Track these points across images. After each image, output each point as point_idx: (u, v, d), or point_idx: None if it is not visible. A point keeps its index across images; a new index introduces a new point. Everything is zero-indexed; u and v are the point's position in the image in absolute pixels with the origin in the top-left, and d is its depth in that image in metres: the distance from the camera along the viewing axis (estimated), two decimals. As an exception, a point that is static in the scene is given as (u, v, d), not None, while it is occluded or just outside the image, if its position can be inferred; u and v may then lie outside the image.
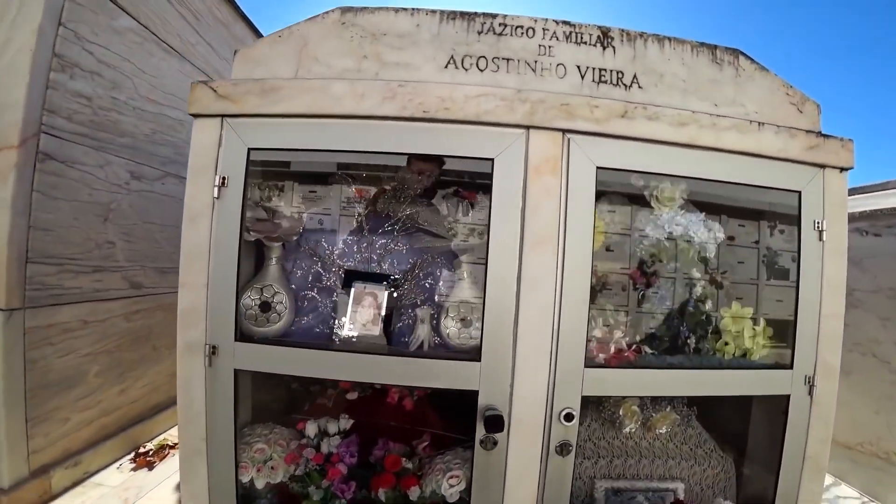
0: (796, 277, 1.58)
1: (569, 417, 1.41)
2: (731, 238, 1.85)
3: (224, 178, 1.44)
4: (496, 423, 1.35)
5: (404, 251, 1.65)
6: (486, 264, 1.40)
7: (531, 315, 1.40)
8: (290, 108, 1.44)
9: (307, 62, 1.51)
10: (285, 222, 1.60)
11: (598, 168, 1.44)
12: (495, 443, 1.41)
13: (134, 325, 2.22)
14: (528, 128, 1.43)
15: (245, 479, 1.50)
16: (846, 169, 1.60)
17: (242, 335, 1.51)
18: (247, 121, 1.46)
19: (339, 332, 1.56)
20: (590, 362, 1.48)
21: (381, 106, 1.42)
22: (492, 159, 1.42)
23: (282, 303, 1.58)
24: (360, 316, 1.58)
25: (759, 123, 1.53)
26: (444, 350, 1.56)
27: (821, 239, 1.58)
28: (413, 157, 1.60)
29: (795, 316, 1.57)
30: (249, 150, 1.46)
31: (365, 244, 1.65)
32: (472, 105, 1.42)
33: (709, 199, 1.79)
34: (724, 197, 1.83)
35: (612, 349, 1.50)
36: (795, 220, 1.57)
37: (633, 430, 1.71)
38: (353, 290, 1.59)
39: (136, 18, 2.17)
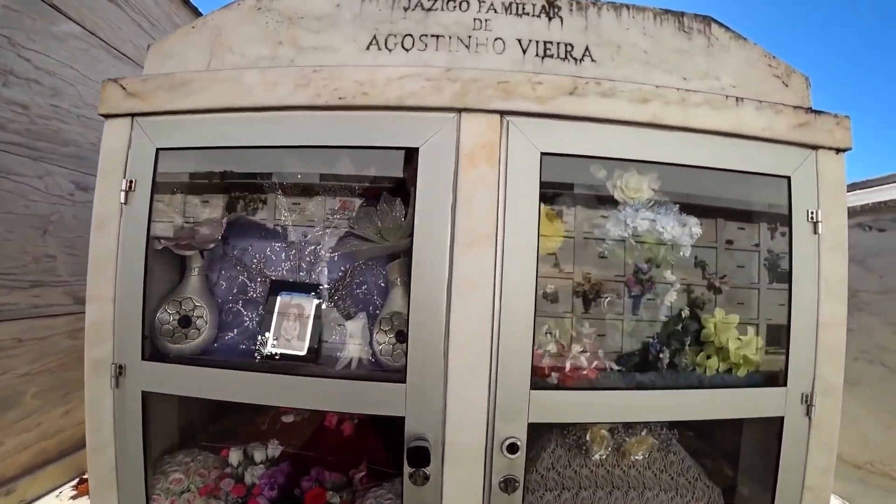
0: (788, 279, 1.34)
1: (513, 448, 1.20)
2: (729, 242, 1.62)
3: (132, 182, 1.31)
4: (420, 455, 1.15)
5: (336, 258, 1.47)
6: (409, 268, 1.21)
7: (465, 327, 1.20)
8: (201, 103, 1.30)
9: (221, 52, 1.36)
10: (204, 229, 1.44)
11: (542, 154, 1.24)
12: (427, 477, 1.21)
13: (80, 342, 2.08)
14: (459, 111, 1.24)
15: (155, 514, 1.34)
16: (843, 150, 1.36)
17: (158, 353, 1.37)
18: (156, 119, 1.32)
19: (262, 350, 1.39)
20: (539, 383, 1.28)
21: (294, 94, 1.26)
22: (416, 148, 1.23)
23: (202, 317, 1.42)
24: (284, 331, 1.40)
25: (737, 98, 1.31)
26: (378, 369, 1.37)
27: (816, 232, 1.34)
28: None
29: (788, 324, 1.34)
30: (158, 150, 1.32)
31: (294, 251, 1.47)
32: (394, 88, 1.24)
33: (701, 200, 1.58)
34: (722, 199, 1.62)
35: (568, 366, 1.29)
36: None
37: (605, 458, 1.49)
38: (278, 302, 1.42)
39: (81, 24, 2.06)
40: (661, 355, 1.35)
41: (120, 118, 1.33)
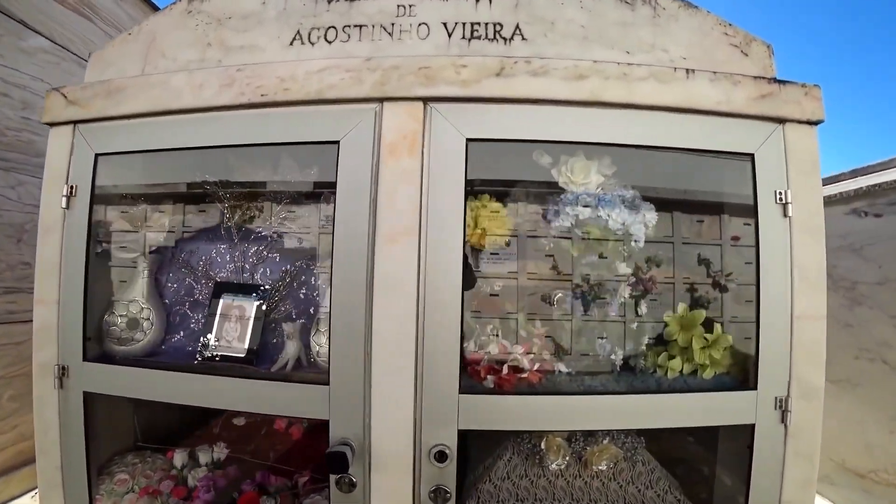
0: (756, 268, 1.20)
1: (441, 457, 1.13)
2: (735, 238, 1.48)
3: (73, 188, 1.33)
4: (338, 461, 1.09)
5: (277, 259, 1.44)
6: (331, 266, 1.16)
7: (387, 327, 1.14)
8: (135, 108, 1.32)
9: (154, 58, 1.37)
10: (151, 232, 1.46)
11: (468, 141, 1.17)
12: (353, 484, 1.15)
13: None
14: (381, 100, 1.19)
15: (99, 515, 1.35)
16: (815, 122, 1.21)
17: (105, 355, 1.38)
18: (95, 125, 1.35)
19: (204, 352, 1.37)
20: (474, 386, 1.20)
21: (219, 95, 1.25)
22: (337, 142, 1.19)
23: (148, 319, 1.43)
24: (226, 333, 1.39)
25: (688, 70, 1.19)
26: (316, 370, 1.33)
27: (786, 214, 1.20)
28: None
29: (757, 320, 1.19)
30: (97, 155, 1.35)
31: (237, 253, 1.46)
32: (314, 82, 1.20)
33: (696, 196, 1.46)
34: (728, 194, 1.49)
35: (506, 370, 1.20)
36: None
37: (564, 468, 1.38)
38: (220, 304, 1.41)
39: (51, 38, 2.16)
40: (612, 357, 1.24)
41: (62, 126, 1.36)
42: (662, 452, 1.49)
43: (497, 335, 1.27)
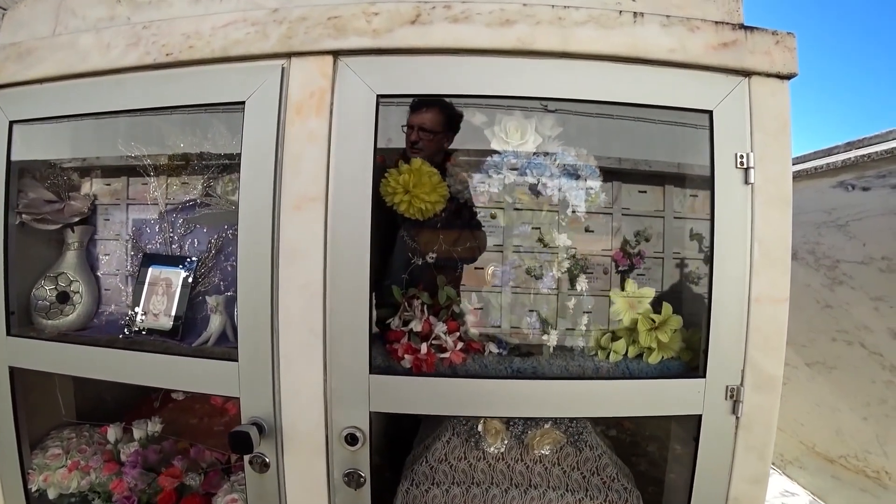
0: (710, 242, 1.06)
1: (353, 440, 1.06)
2: None
3: (-14, 158, 1.28)
4: (241, 441, 1.03)
5: (205, 229, 1.37)
6: (232, 237, 1.09)
7: (292, 301, 1.06)
8: (46, 71, 1.23)
9: (65, 17, 1.28)
10: (74, 203, 1.40)
11: (380, 97, 1.05)
12: (266, 464, 1.10)
13: None
14: (289, 55, 1.08)
15: (33, 487, 1.34)
16: (787, 77, 1.04)
17: (32, 329, 1.36)
18: (7, 91, 1.28)
19: (131, 326, 1.33)
20: (389, 367, 1.12)
21: (126, 55, 1.16)
22: (242, 103, 1.09)
23: (78, 293, 1.39)
24: (153, 306, 1.34)
25: (636, 14, 1.03)
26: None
27: (747, 182, 1.05)
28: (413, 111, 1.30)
29: (709, 300, 1.06)
30: (11, 123, 1.28)
31: (166, 223, 1.40)
32: (220, 37, 1.10)
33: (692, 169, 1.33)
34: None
35: (424, 349, 1.11)
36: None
37: (504, 452, 1.30)
38: (148, 275, 1.36)
39: None
40: (544, 336, 1.13)
41: (-25, 93, 1.30)
42: (623, 438, 1.40)
43: (423, 310, 1.17)
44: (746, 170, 1.04)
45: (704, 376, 1.07)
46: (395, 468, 1.37)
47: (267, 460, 1.10)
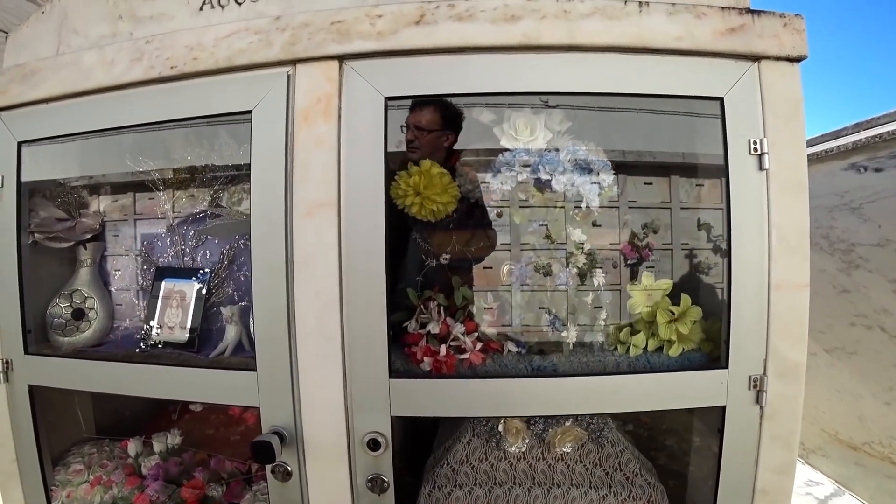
0: (726, 230, 1.05)
1: (375, 445, 1.06)
2: None
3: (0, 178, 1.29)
4: (263, 451, 1.03)
5: (217, 240, 1.37)
6: (249, 245, 1.09)
7: (309, 307, 1.06)
8: (51, 91, 1.24)
9: (67, 36, 1.29)
10: (85, 220, 1.41)
11: (387, 100, 1.05)
12: (288, 472, 1.10)
13: None
14: (294, 63, 1.08)
15: (57, 503, 1.35)
16: (797, 59, 1.03)
17: (50, 347, 1.37)
18: (14, 112, 1.29)
19: (147, 339, 1.34)
20: (408, 371, 1.11)
21: (130, 71, 1.17)
22: (250, 111, 1.09)
23: (93, 309, 1.40)
24: (167, 319, 1.34)
25: (641, 3, 1.02)
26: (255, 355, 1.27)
27: (762, 168, 1.03)
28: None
29: (728, 289, 1.05)
30: (20, 143, 1.29)
31: (177, 236, 1.40)
32: (223, 48, 1.10)
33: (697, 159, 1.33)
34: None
35: (443, 351, 1.10)
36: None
37: (526, 451, 1.29)
38: (162, 288, 1.36)
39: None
40: (563, 334, 1.12)
41: (-17, 115, 1.30)
42: (640, 432, 1.39)
43: (441, 312, 1.16)
44: (760, 156, 1.03)
45: (727, 367, 1.05)
46: (415, 472, 1.36)
47: (289, 469, 1.10)
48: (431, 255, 1.18)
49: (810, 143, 2.22)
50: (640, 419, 1.52)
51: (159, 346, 1.32)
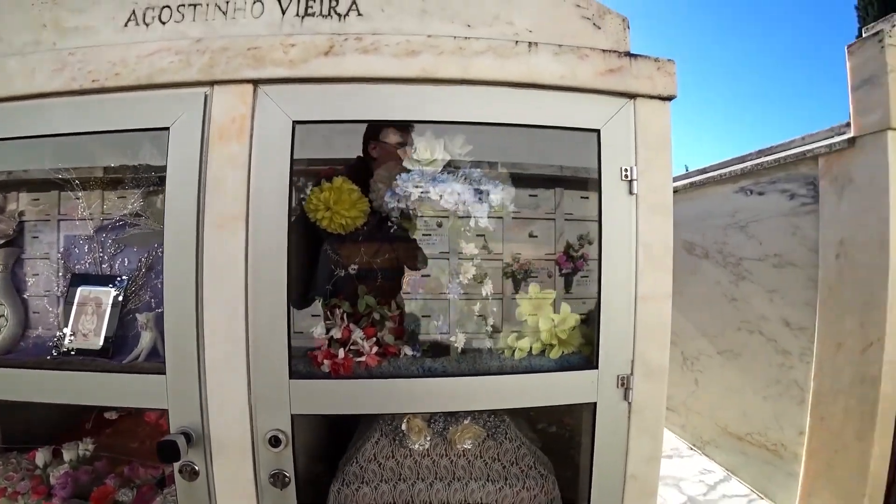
0: (598, 247, 1.19)
1: (276, 442, 1.13)
2: None
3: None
4: (169, 450, 1.08)
5: (136, 248, 1.41)
6: (161, 255, 1.14)
7: (217, 314, 1.12)
8: (-29, 96, 1.25)
9: (-9, 42, 1.30)
10: (1, 225, 1.41)
11: (295, 123, 1.13)
12: (195, 472, 1.15)
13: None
14: (211, 84, 1.15)
15: (-42, 516, 1.33)
16: (668, 98, 1.19)
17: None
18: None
19: (60, 347, 1.34)
20: (309, 372, 1.19)
21: (51, 80, 1.19)
22: (167, 128, 1.15)
23: (3, 316, 1.40)
24: (82, 326, 1.36)
25: (530, 44, 1.16)
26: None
27: (632, 192, 1.18)
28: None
29: (599, 299, 1.19)
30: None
31: (95, 244, 1.42)
32: (145, 66, 1.15)
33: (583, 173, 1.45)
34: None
35: (341, 354, 1.19)
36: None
37: (430, 448, 1.38)
38: (77, 295, 1.38)
39: None
40: (452, 339, 1.23)
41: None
42: (563, 433, 1.51)
43: (344, 319, 1.25)
44: (630, 181, 1.18)
45: (597, 367, 1.19)
46: (332, 471, 1.43)
47: (196, 468, 1.14)
48: (340, 265, 1.27)
49: (711, 169, 2.48)
50: (563, 420, 1.64)
51: (72, 353, 1.33)
